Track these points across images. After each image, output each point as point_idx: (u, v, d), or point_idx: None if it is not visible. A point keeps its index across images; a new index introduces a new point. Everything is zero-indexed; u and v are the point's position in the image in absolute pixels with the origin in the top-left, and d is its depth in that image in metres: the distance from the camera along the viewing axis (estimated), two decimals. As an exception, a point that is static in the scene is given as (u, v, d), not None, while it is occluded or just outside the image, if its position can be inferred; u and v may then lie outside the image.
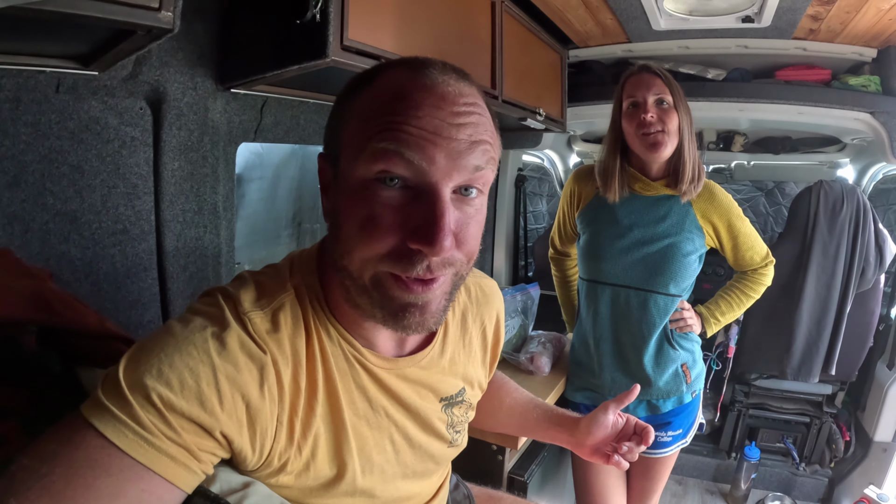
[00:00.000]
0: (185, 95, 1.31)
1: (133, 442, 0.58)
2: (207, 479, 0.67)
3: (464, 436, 1.02)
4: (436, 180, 0.66)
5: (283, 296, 0.75)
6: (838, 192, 2.59)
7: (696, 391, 1.79)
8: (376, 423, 0.83)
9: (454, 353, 0.95)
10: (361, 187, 0.68)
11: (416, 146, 0.64)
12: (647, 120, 1.59)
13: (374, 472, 0.82)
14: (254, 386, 0.67)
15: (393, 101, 0.67)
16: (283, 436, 0.72)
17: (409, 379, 0.87)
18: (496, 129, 0.75)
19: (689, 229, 1.68)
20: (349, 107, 0.72)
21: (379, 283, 0.69)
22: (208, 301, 0.73)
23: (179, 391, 0.61)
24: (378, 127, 0.66)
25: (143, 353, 0.63)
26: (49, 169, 1.10)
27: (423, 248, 0.65)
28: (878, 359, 2.80)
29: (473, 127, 0.68)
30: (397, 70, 0.71)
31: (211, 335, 0.66)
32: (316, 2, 1.11)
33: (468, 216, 0.71)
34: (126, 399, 0.59)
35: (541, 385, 1.84)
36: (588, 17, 2.26)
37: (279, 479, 0.73)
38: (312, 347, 0.75)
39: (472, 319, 1.01)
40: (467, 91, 0.71)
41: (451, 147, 0.66)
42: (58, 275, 1.09)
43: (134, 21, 0.82)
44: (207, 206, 1.41)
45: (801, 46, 2.37)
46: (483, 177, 0.70)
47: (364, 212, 0.67)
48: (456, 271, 0.72)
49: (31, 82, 1.06)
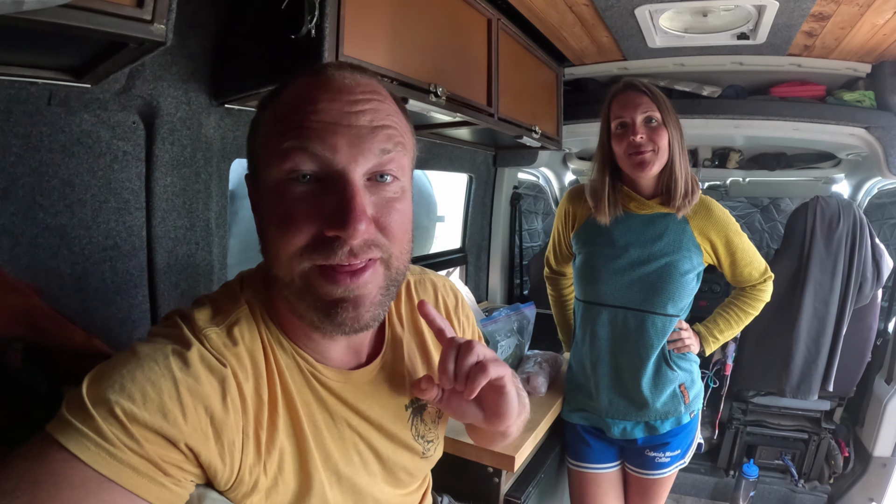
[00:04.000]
0: (178, 110, 1.30)
1: (95, 454, 0.58)
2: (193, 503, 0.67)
3: (437, 446, 1.00)
4: (342, 166, 0.68)
5: (237, 311, 0.77)
6: (834, 208, 2.59)
7: (694, 411, 1.76)
8: (339, 434, 0.82)
9: (410, 357, 0.95)
10: (276, 189, 0.70)
11: (317, 138, 0.67)
12: (637, 142, 1.58)
13: (342, 485, 0.82)
14: (216, 398, 0.67)
15: (294, 104, 0.71)
16: (251, 449, 0.72)
17: (366, 391, 0.86)
18: (404, 116, 0.78)
19: (687, 247, 1.66)
20: (260, 122, 0.76)
21: (307, 281, 0.70)
22: (168, 323, 0.74)
23: (142, 404, 0.61)
24: (283, 130, 0.69)
25: (106, 371, 0.63)
26: (39, 182, 1.09)
27: (339, 232, 0.66)
28: (876, 374, 2.79)
29: (373, 112, 0.71)
30: (298, 79, 0.75)
31: (171, 352, 0.67)
32: (311, 17, 1.10)
33: (386, 200, 0.72)
34: (89, 413, 0.59)
35: (537, 405, 1.81)
36: (584, 35, 2.28)
37: (252, 499, 0.73)
38: (269, 361, 0.76)
39: (417, 317, 0.99)
40: (364, 81, 0.74)
41: (352, 133, 0.69)
42: (46, 290, 1.08)
43: (125, 33, 0.82)
44: (200, 223, 1.40)
45: (795, 63, 2.39)
46: (393, 160, 0.72)
47: (280, 210, 0.70)
48: (386, 261, 0.73)
49: (23, 94, 1.05)
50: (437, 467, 1.05)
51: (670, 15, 2.11)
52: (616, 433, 1.75)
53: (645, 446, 1.76)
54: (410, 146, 0.78)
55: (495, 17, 1.86)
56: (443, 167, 2.63)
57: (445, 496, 1.39)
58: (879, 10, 1.83)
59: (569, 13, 2.03)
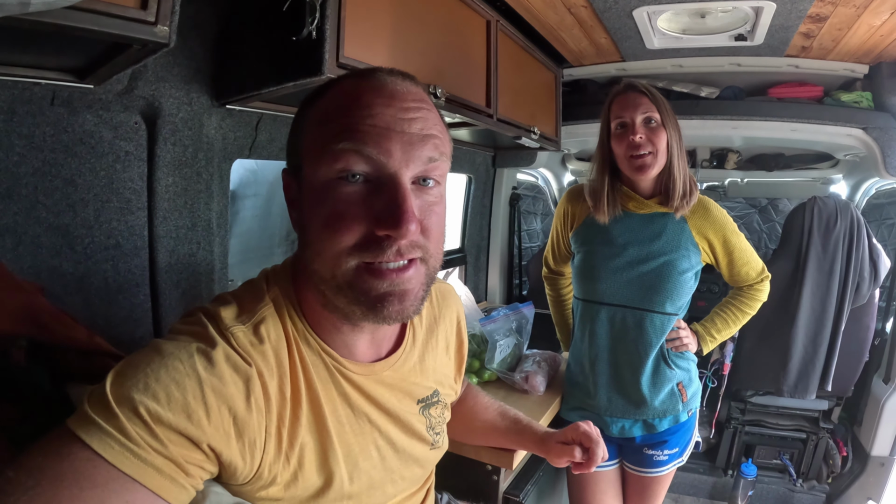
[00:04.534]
0: (180, 111, 1.31)
1: (119, 453, 0.58)
2: (198, 499, 0.67)
3: (444, 437, 1.04)
4: (395, 170, 0.71)
5: (263, 309, 0.78)
6: (832, 208, 2.60)
7: (692, 410, 1.77)
8: (359, 429, 0.84)
9: (423, 353, 0.99)
10: (325, 188, 0.72)
11: (372, 142, 0.70)
12: (637, 141, 1.59)
13: (361, 479, 0.84)
14: (240, 398, 0.68)
15: (346, 105, 0.72)
16: (272, 446, 0.73)
17: (387, 383, 0.89)
18: (444, 125, 0.81)
19: (685, 246, 1.67)
20: (306, 120, 0.77)
21: (353, 277, 0.72)
22: (191, 321, 0.75)
23: (167, 404, 0.61)
24: (335, 130, 0.71)
25: (129, 369, 0.63)
26: (42, 182, 1.10)
27: (391, 231, 0.69)
28: (874, 373, 2.79)
29: (423, 121, 0.74)
30: (347, 79, 0.77)
31: (196, 350, 0.67)
32: (312, 19, 1.11)
33: (429, 204, 0.76)
34: (113, 412, 0.59)
35: (536, 404, 1.82)
36: (582, 37, 2.28)
37: (269, 491, 0.74)
38: (294, 357, 0.78)
39: (436, 322, 1.05)
40: (414, 89, 0.77)
41: (405, 139, 0.71)
42: (49, 289, 1.08)
43: (129, 35, 0.83)
44: (201, 223, 1.41)
45: (793, 64, 2.40)
46: (437, 168, 0.76)
47: (329, 209, 0.72)
48: (426, 260, 0.76)
49: (27, 94, 1.06)
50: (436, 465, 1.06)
51: (668, 16, 2.12)
52: (615, 431, 1.76)
53: (643, 444, 1.77)
54: (449, 154, 0.80)
55: (494, 18, 1.86)
56: (442, 168, 2.62)
57: (445, 494, 1.39)
58: (876, 11, 1.84)
59: (567, 14, 2.04)
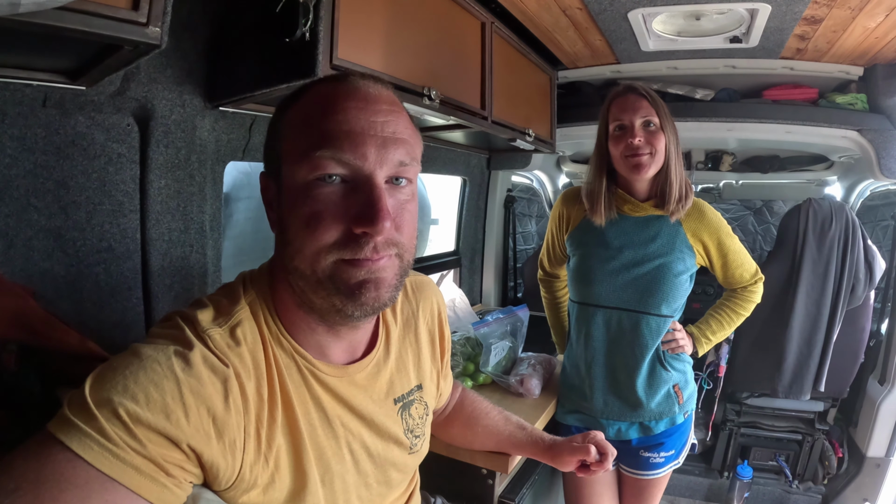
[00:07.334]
0: (172, 113, 1.30)
1: (98, 454, 0.59)
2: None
3: (424, 442, 1.05)
4: (370, 172, 0.75)
5: (239, 312, 0.79)
6: (827, 210, 2.60)
7: (688, 412, 1.77)
8: (332, 432, 0.85)
9: (401, 351, 1.01)
10: (304, 189, 0.75)
11: (349, 148, 0.73)
12: (635, 144, 1.59)
13: (334, 482, 0.85)
14: (218, 399, 0.69)
15: (323, 109, 0.76)
16: (252, 447, 0.74)
17: (361, 384, 0.91)
18: (415, 128, 0.84)
19: (680, 248, 1.67)
20: (283, 124, 0.80)
21: (333, 271, 0.75)
22: (168, 324, 0.76)
23: (145, 404, 0.62)
24: (313, 135, 0.75)
25: (108, 372, 0.64)
26: (34, 184, 1.09)
27: (368, 229, 0.73)
28: (869, 375, 2.79)
29: (395, 124, 0.78)
30: (322, 84, 0.81)
31: (174, 353, 0.68)
32: (306, 21, 1.11)
33: (401, 202, 0.80)
34: (92, 414, 0.60)
35: (531, 407, 1.81)
36: (577, 39, 2.29)
37: (251, 495, 0.75)
38: (269, 360, 0.79)
39: (413, 316, 1.07)
40: (385, 94, 0.81)
41: (378, 143, 0.75)
42: (40, 292, 1.07)
43: (121, 36, 0.82)
44: (194, 225, 1.40)
45: (788, 66, 2.41)
46: (408, 170, 0.80)
47: (309, 209, 0.74)
48: (399, 254, 0.79)
49: (18, 95, 1.05)
50: (431, 469, 1.05)
51: (663, 18, 2.12)
52: (611, 434, 1.76)
53: (639, 447, 1.77)
54: (419, 157, 0.83)
55: (489, 20, 1.86)
56: (437, 170, 2.64)
57: (439, 497, 1.39)
58: (871, 13, 1.84)
59: (562, 16, 2.04)
